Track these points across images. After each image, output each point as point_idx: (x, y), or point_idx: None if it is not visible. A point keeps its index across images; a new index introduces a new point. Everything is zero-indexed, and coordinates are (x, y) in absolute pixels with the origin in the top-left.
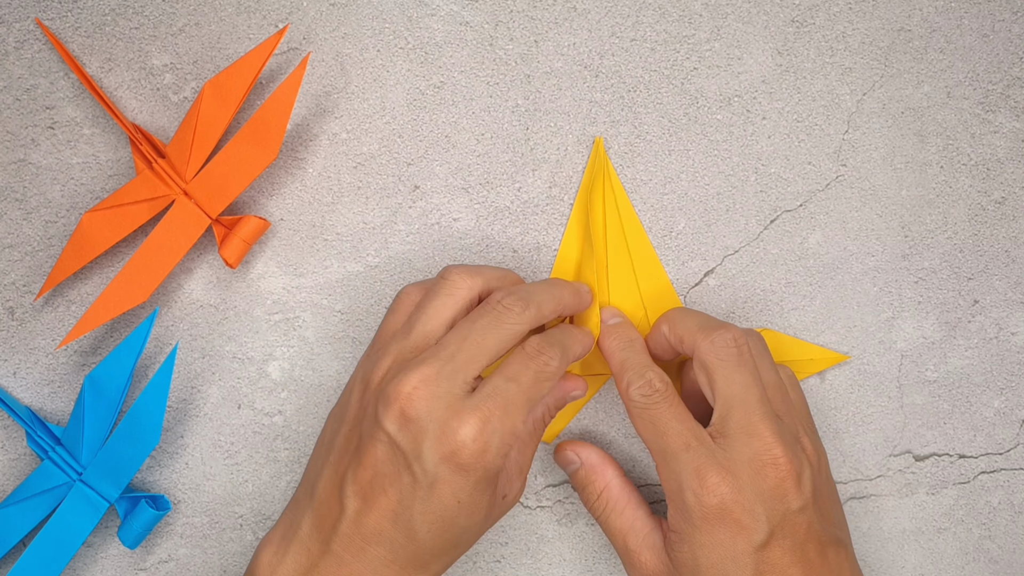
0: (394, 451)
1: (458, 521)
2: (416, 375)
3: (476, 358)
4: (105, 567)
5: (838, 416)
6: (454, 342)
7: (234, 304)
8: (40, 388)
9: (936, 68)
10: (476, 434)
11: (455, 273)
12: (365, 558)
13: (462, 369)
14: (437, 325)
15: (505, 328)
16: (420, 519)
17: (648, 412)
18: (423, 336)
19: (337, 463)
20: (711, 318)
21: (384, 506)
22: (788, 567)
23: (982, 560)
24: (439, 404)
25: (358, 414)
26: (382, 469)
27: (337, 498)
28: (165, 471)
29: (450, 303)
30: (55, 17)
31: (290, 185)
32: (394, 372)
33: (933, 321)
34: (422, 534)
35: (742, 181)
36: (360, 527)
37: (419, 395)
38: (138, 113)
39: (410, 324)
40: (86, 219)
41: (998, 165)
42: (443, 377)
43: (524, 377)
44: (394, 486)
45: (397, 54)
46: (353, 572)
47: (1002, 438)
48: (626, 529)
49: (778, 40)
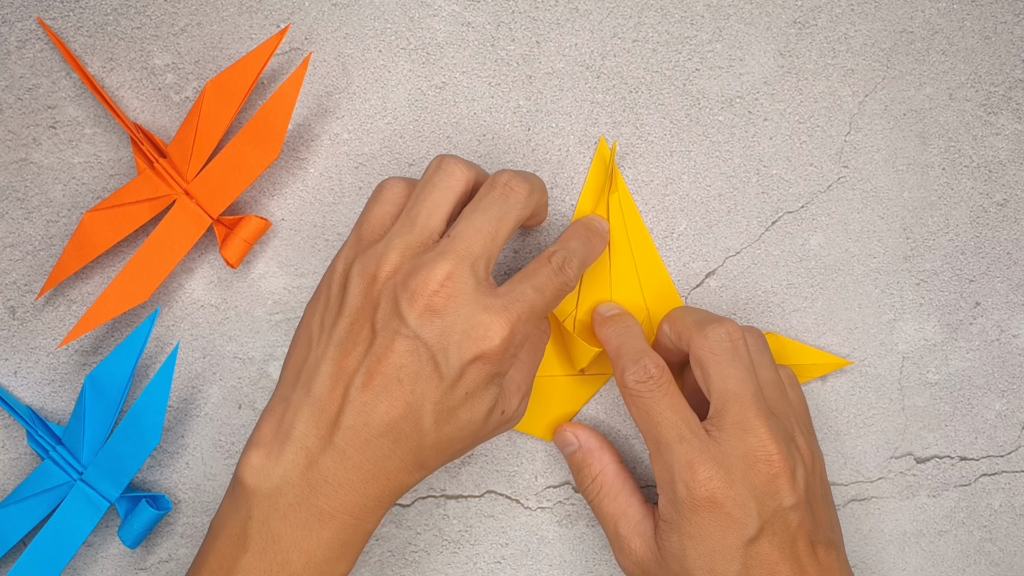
0: (417, 345)
1: (461, 414)
2: (440, 271)
3: (492, 249)
4: (105, 567)
5: (839, 418)
6: (468, 234)
7: (235, 304)
8: (41, 387)
9: (938, 70)
10: (506, 334)
11: (451, 163)
12: (368, 450)
13: (482, 262)
14: (440, 218)
15: (513, 213)
16: (430, 409)
17: (643, 400)
18: (428, 230)
19: (341, 358)
20: (709, 314)
21: (398, 397)
22: (777, 563)
23: (983, 563)
24: (466, 300)
25: (365, 307)
26: (401, 362)
27: (342, 392)
28: (166, 471)
29: (449, 195)
30: (57, 17)
31: (291, 185)
32: (410, 268)
33: (935, 323)
34: (428, 425)
35: (744, 182)
36: (367, 420)
37: (446, 291)
38: (139, 113)
39: (411, 217)
40: (87, 218)
41: (1000, 167)
42: (466, 272)
43: (549, 290)
44: (412, 379)
45: (399, 54)
46: (356, 465)
47: (1003, 440)
48: (618, 515)
49: (780, 41)
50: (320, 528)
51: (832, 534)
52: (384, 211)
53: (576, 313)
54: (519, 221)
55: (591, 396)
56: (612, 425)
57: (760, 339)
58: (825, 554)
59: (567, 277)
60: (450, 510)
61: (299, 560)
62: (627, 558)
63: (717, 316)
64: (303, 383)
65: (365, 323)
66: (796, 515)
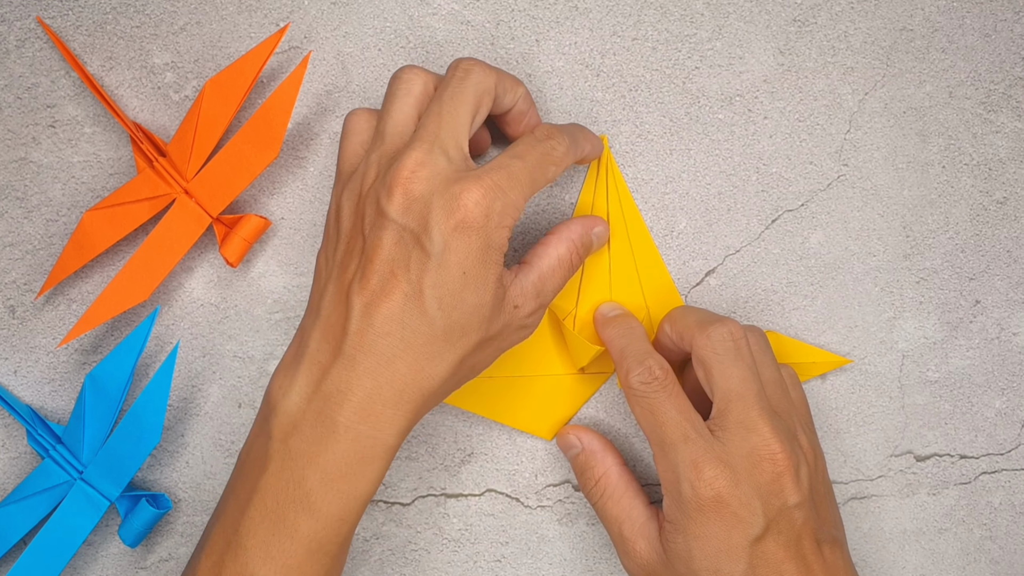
0: (401, 233)
1: (466, 297)
2: (410, 159)
3: (459, 128)
4: (106, 565)
5: (839, 416)
6: (432, 121)
7: (235, 303)
8: (41, 386)
9: (938, 68)
10: (479, 198)
11: (406, 70)
12: (376, 352)
13: (452, 141)
14: (405, 122)
15: (470, 90)
16: (430, 294)
17: (647, 400)
18: (398, 136)
19: (341, 275)
20: (710, 313)
21: (395, 290)
22: (782, 562)
23: (983, 561)
24: (440, 178)
25: (355, 223)
26: (390, 255)
27: (344, 302)
28: (166, 470)
29: (410, 99)
30: (56, 15)
31: (291, 184)
32: (385, 169)
33: (934, 321)
34: (432, 311)
35: (743, 180)
36: (371, 320)
37: (419, 175)
38: (139, 112)
39: (379, 132)
40: (87, 217)
41: (1000, 165)
42: (437, 153)
43: (530, 156)
44: (404, 267)
45: (398, 53)
46: (365, 370)
47: (1003, 438)
48: (622, 517)
49: (780, 39)
50: (334, 441)
51: (836, 532)
52: (357, 141)
53: (576, 311)
54: (479, 97)
55: (591, 395)
56: (612, 424)
57: (762, 338)
58: (830, 552)
59: (550, 146)
60: (450, 509)
61: (314, 476)
62: (632, 560)
63: (719, 316)
64: (313, 309)
65: (357, 235)
66: (801, 513)
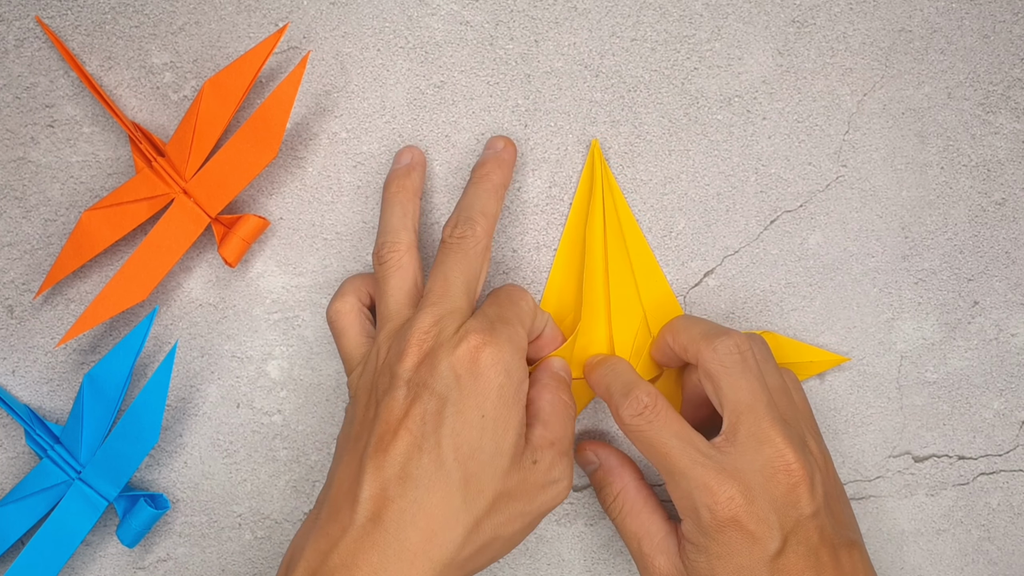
0: (416, 390)
1: (484, 444)
2: (421, 324)
3: (464, 293)
4: (104, 566)
5: (837, 417)
6: (436, 287)
7: (233, 303)
8: (39, 386)
9: (937, 69)
10: (430, 322)
11: (386, 251)
12: (386, 520)
13: (458, 306)
14: (404, 299)
15: (471, 255)
16: (448, 444)
17: (644, 433)
18: (400, 315)
19: (355, 445)
20: (714, 325)
21: (409, 447)
22: (802, 572)
23: (981, 561)
24: (451, 330)
25: (370, 397)
26: (403, 412)
27: (357, 470)
28: (164, 470)
29: (406, 279)
30: (55, 15)
31: (290, 184)
32: (395, 341)
33: (933, 322)
34: (448, 462)
35: (742, 181)
36: (383, 484)
37: (430, 336)
38: (138, 111)
39: (382, 314)
40: (85, 217)
41: (998, 166)
42: (445, 320)
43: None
44: (419, 421)
45: (397, 53)
46: (373, 543)
47: (1001, 440)
48: (641, 533)
49: (779, 40)
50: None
51: (852, 533)
52: (353, 335)
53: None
54: (480, 255)
55: (592, 398)
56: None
57: (764, 346)
58: (847, 556)
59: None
60: None
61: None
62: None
63: (722, 328)
64: (328, 481)
65: (371, 406)
66: (816, 522)
